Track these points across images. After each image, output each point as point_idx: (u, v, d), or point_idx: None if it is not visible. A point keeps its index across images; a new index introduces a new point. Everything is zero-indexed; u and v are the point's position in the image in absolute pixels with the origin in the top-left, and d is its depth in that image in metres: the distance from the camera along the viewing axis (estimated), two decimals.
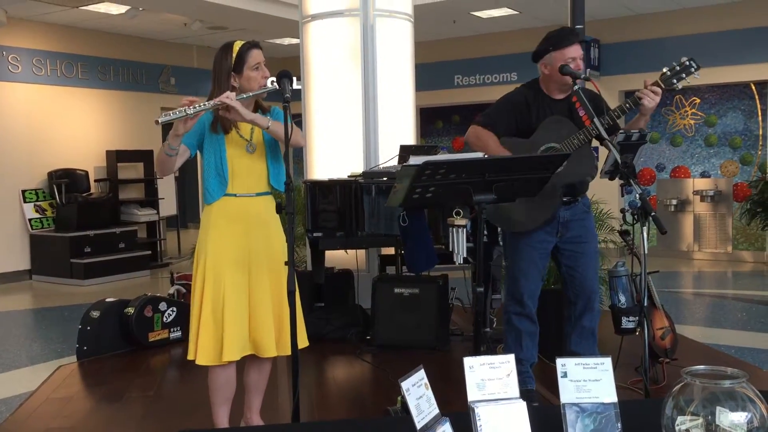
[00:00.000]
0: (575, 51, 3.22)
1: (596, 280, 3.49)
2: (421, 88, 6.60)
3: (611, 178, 3.07)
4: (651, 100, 3.07)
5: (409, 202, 2.57)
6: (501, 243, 3.91)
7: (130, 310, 4.75)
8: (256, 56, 2.86)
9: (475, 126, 3.37)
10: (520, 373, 3.40)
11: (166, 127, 2.70)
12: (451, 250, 3.15)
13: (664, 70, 3.14)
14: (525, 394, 3.36)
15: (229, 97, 2.72)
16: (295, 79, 2.87)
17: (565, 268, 3.43)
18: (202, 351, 2.85)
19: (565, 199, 3.32)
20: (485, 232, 4.19)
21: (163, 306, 4.88)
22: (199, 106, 2.68)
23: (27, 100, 8.74)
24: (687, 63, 3.11)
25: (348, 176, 4.82)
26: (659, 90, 3.10)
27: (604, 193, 5.41)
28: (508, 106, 3.36)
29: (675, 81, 3.11)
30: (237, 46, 2.86)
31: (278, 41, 10.50)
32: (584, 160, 3.27)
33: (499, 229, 4.18)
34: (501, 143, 3.28)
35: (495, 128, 3.31)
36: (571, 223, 3.36)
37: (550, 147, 3.23)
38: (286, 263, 2.60)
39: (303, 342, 2.96)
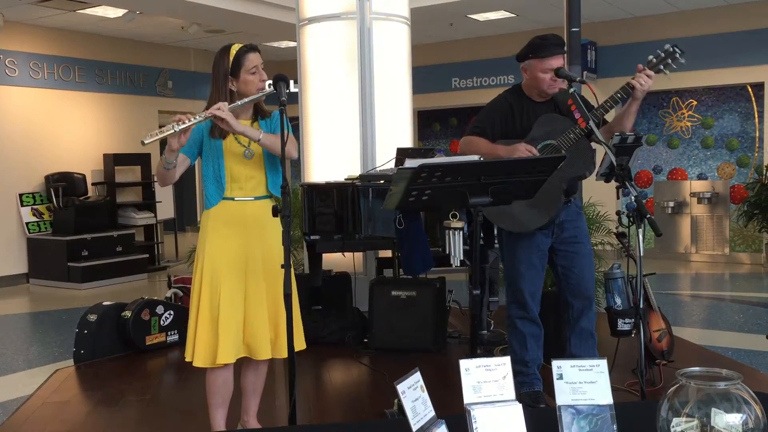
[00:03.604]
0: (555, 62, 3.24)
1: (593, 281, 3.49)
2: (418, 91, 6.60)
3: (607, 181, 3.09)
4: (644, 83, 3.12)
5: (405, 205, 2.58)
6: (498, 246, 3.92)
7: (127, 313, 4.74)
8: (253, 59, 2.86)
9: (466, 136, 3.44)
10: (527, 375, 3.43)
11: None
12: (447, 252, 3.15)
13: (650, 57, 3.20)
14: (533, 396, 3.38)
15: (220, 109, 2.72)
16: (292, 82, 2.88)
17: (561, 269, 3.44)
18: (198, 353, 2.86)
19: None
20: (482, 235, 4.20)
21: (160, 309, 4.88)
22: (189, 120, 2.68)
23: (24, 104, 8.74)
24: (671, 49, 3.17)
25: (345, 179, 4.82)
26: (652, 74, 3.15)
27: (601, 196, 5.41)
28: (492, 112, 3.42)
29: (662, 67, 3.17)
30: (234, 49, 2.87)
31: (275, 44, 10.51)
32: (583, 155, 3.28)
33: (495, 231, 4.19)
34: (496, 143, 3.31)
35: (485, 134, 3.36)
36: (566, 224, 3.38)
37: (547, 144, 3.24)
38: (282, 266, 2.61)
39: (300, 345, 2.96)
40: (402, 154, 4.86)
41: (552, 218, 3.31)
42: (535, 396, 3.40)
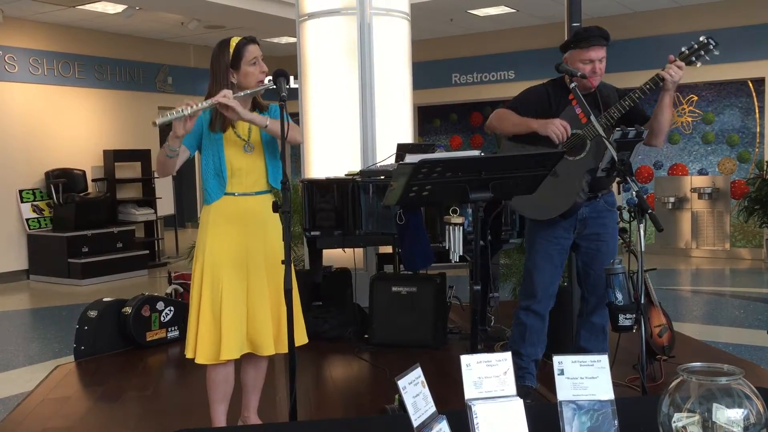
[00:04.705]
0: (595, 54, 3.20)
1: None
2: (418, 87, 6.59)
3: (608, 176, 3.07)
4: (674, 75, 3.07)
5: (405, 201, 2.57)
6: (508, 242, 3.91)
7: (128, 309, 4.74)
8: (252, 51, 2.86)
9: (499, 109, 3.38)
10: (519, 368, 3.41)
11: (165, 127, 2.70)
12: (448, 248, 3.14)
13: (683, 49, 3.14)
14: (521, 389, 3.36)
15: (226, 96, 2.72)
16: (292, 78, 2.87)
17: (582, 264, 3.43)
18: (201, 350, 2.85)
19: None
20: (488, 231, 4.20)
21: (160, 305, 4.88)
22: (197, 105, 2.68)
23: (24, 100, 8.73)
24: (705, 41, 3.11)
25: (345, 175, 4.82)
26: (683, 65, 3.10)
27: None
28: (530, 96, 3.37)
29: (694, 59, 3.12)
30: (234, 42, 2.86)
31: (275, 40, 10.49)
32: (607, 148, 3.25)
33: (501, 228, 4.18)
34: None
35: (519, 113, 3.31)
36: (590, 221, 3.34)
37: (574, 133, 3.20)
38: (283, 262, 2.60)
39: (302, 339, 2.96)
40: (402, 149, 4.86)
41: (569, 210, 3.27)
42: (524, 390, 3.38)
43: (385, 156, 5.13)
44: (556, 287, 3.44)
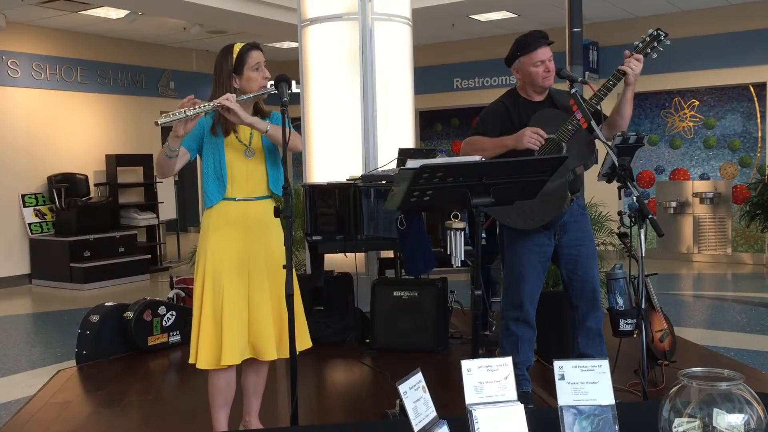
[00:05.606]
0: (543, 54, 3.26)
1: (597, 281, 3.48)
2: (420, 92, 6.60)
3: (609, 181, 3.08)
4: (635, 68, 3.16)
5: (406, 206, 2.57)
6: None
7: (130, 314, 4.75)
8: (255, 57, 2.88)
9: (469, 138, 3.42)
10: (515, 376, 3.41)
11: (166, 130, 2.71)
12: (449, 253, 3.14)
13: (636, 42, 3.25)
14: (521, 396, 3.36)
15: (229, 99, 2.74)
16: (294, 82, 2.89)
17: (566, 272, 3.42)
18: (202, 355, 2.85)
19: None
20: (483, 235, 4.20)
21: (162, 310, 4.88)
22: (200, 107, 2.70)
23: (26, 105, 8.75)
24: (656, 33, 3.22)
25: (347, 180, 4.82)
26: (641, 57, 3.19)
27: (603, 196, 5.41)
28: (489, 115, 3.41)
29: (649, 50, 3.22)
30: (237, 47, 2.88)
31: (277, 45, 10.52)
32: (583, 145, 3.27)
33: (497, 230, 4.17)
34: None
35: (487, 135, 3.34)
36: (568, 225, 3.35)
37: (547, 139, 3.22)
38: (284, 267, 2.61)
39: (306, 343, 2.97)
40: (404, 154, 4.87)
41: (562, 213, 3.27)
42: (524, 396, 3.38)
43: (386, 161, 5.15)
44: (539, 294, 3.43)
